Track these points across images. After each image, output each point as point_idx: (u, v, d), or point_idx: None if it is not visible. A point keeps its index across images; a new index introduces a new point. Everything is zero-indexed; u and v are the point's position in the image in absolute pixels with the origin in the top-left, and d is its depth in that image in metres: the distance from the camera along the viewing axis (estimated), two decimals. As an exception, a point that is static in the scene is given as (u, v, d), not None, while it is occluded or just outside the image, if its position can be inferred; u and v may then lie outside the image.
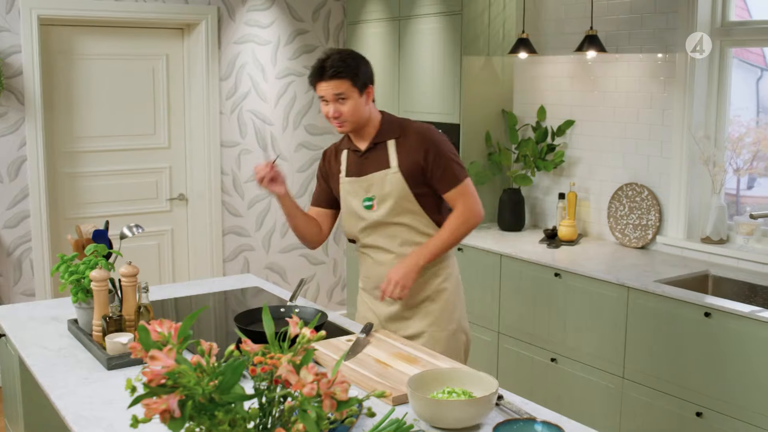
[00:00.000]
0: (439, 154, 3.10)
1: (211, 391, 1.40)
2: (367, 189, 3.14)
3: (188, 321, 1.53)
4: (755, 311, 3.49)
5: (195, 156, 5.89)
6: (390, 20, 5.75)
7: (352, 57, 3.08)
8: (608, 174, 4.90)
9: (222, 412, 1.40)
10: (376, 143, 3.14)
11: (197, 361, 1.46)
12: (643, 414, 3.98)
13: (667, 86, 4.53)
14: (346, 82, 3.01)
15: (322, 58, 3.06)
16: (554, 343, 4.42)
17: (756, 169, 4.44)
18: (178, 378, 1.41)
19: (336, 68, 3.00)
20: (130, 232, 3.17)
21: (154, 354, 1.42)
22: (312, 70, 3.08)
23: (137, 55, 5.66)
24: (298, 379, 1.38)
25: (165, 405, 1.38)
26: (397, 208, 3.10)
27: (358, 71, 3.04)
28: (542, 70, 5.25)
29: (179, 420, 1.38)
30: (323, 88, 3.04)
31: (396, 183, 3.08)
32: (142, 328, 1.50)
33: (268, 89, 6.06)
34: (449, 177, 3.11)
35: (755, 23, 4.30)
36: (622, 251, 4.65)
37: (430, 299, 3.20)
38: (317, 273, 6.50)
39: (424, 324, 3.18)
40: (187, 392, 1.41)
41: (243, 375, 2.37)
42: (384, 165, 3.11)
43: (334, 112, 3.04)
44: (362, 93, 3.06)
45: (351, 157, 3.21)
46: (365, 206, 3.15)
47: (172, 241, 5.98)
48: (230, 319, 3.12)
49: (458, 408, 2.15)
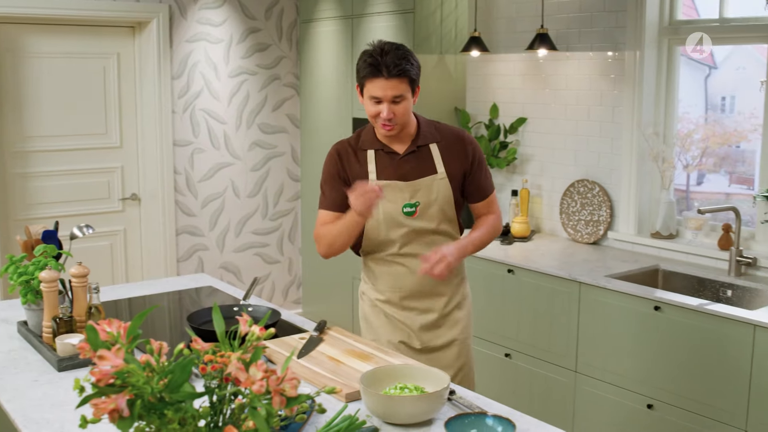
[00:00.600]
0: (481, 161, 3.04)
1: (161, 390, 1.40)
2: (412, 195, 2.94)
3: (137, 320, 1.53)
4: (703, 304, 3.56)
5: (147, 155, 5.84)
6: (343, 18, 5.75)
7: (409, 52, 2.86)
8: (560, 171, 4.95)
9: (171, 411, 1.40)
10: (419, 146, 2.97)
11: (146, 360, 1.46)
12: (596, 407, 4.03)
13: (617, 84, 4.59)
14: (405, 82, 2.82)
15: (376, 51, 2.82)
16: (508, 338, 4.46)
17: (705, 165, 4.52)
18: (127, 377, 1.41)
19: (399, 66, 2.79)
20: (80, 233, 3.14)
21: (102, 354, 1.41)
22: (365, 66, 2.83)
23: (88, 53, 5.60)
24: (247, 376, 1.39)
25: (114, 404, 1.37)
26: (441, 215, 2.98)
27: (417, 69, 2.87)
28: (494, 68, 5.29)
29: (128, 419, 1.38)
30: (380, 88, 2.80)
31: (443, 189, 2.96)
32: (90, 328, 1.49)
33: (221, 88, 6.03)
34: (486, 186, 3.07)
35: (702, 22, 4.38)
36: (574, 247, 4.70)
37: (458, 306, 3.12)
38: (272, 272, 6.49)
39: (455, 332, 3.10)
40: (136, 391, 1.40)
41: (195, 374, 2.36)
42: (430, 170, 2.96)
43: (388, 113, 2.82)
44: (414, 93, 2.90)
45: (383, 158, 2.97)
46: (405, 212, 2.95)
47: (125, 242, 5.92)
48: (184, 319, 3.10)
49: (410, 403, 2.16)
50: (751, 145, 4.34)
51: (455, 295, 3.10)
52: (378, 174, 2.95)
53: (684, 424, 3.64)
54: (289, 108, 6.37)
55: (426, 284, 3.02)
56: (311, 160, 6.28)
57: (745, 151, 4.46)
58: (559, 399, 4.21)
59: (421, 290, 3.04)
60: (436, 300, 3.07)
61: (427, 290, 3.05)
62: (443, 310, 3.07)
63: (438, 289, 3.06)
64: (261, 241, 6.38)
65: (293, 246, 6.57)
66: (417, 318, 3.06)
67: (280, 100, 6.32)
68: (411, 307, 3.05)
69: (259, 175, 6.30)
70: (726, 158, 4.54)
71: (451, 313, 3.09)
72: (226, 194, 6.15)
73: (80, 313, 2.85)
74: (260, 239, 6.38)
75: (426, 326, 3.06)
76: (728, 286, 3.98)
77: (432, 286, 3.04)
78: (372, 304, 3.12)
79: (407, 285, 3.03)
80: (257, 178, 6.29)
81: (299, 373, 2.50)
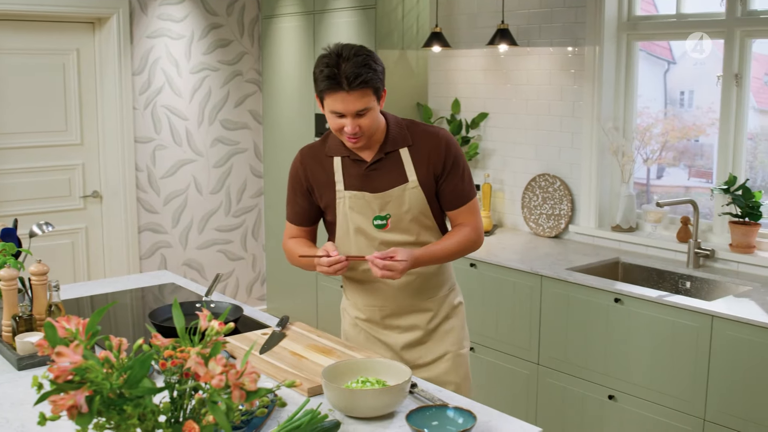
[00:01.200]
0: (456, 163, 2.73)
1: (120, 385, 1.40)
2: (382, 207, 2.71)
3: (96, 316, 1.52)
4: (662, 296, 3.60)
5: (108, 152, 5.80)
6: (305, 14, 5.74)
7: (370, 57, 2.54)
8: (521, 165, 4.99)
9: (131, 407, 1.40)
10: (387, 152, 2.71)
11: (105, 357, 1.46)
12: (558, 398, 4.07)
13: (577, 79, 4.63)
14: (369, 93, 2.52)
15: (332, 60, 2.51)
16: (471, 332, 4.48)
17: (665, 159, 4.58)
18: (86, 374, 1.40)
19: (360, 77, 2.48)
20: (39, 230, 3.11)
21: (60, 350, 1.41)
22: (322, 78, 2.52)
23: (47, 49, 5.54)
24: (206, 371, 1.39)
25: (72, 401, 1.37)
26: (417, 226, 2.74)
27: (381, 75, 2.56)
28: (456, 63, 5.32)
29: (87, 415, 1.37)
30: (341, 102, 2.51)
31: (415, 199, 2.70)
32: (48, 324, 1.49)
33: (183, 84, 6.00)
34: (462, 192, 2.76)
35: (661, 17, 4.43)
36: (536, 241, 4.74)
37: (447, 318, 2.91)
38: (236, 269, 6.47)
39: (446, 345, 2.89)
40: (95, 387, 1.40)
41: (157, 371, 2.36)
42: (401, 179, 2.70)
43: (353, 127, 2.56)
44: (379, 100, 2.61)
45: (350, 167, 2.73)
46: (376, 225, 2.72)
47: (87, 239, 5.88)
48: (147, 316, 3.09)
49: (372, 396, 2.17)
50: (710, 139, 4.40)
51: (442, 308, 2.90)
52: (345, 184, 2.73)
53: (644, 414, 3.69)
54: (252, 104, 6.36)
55: (408, 300, 2.84)
56: (274, 157, 6.27)
57: (703, 145, 4.51)
58: (522, 391, 4.25)
59: (403, 307, 2.85)
60: (421, 315, 2.87)
61: (409, 307, 2.86)
62: (428, 326, 2.87)
63: (422, 305, 2.87)
64: (224, 238, 6.36)
65: (257, 242, 6.55)
66: (400, 337, 2.87)
67: (243, 96, 6.30)
68: (393, 326, 2.87)
69: (221, 172, 6.27)
70: (685, 152, 4.60)
71: (438, 327, 2.89)
72: (188, 191, 6.12)
73: (40, 311, 2.82)
74: (223, 236, 6.36)
75: (410, 344, 2.87)
76: (687, 278, 4.04)
77: (415, 301, 2.85)
78: (353, 323, 2.96)
79: (388, 303, 2.84)
80: (220, 175, 6.27)
81: (261, 368, 2.51)
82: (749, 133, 4.15)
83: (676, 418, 3.57)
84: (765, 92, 4.27)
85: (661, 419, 3.63)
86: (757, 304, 3.46)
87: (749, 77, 4.07)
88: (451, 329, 2.91)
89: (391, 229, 2.73)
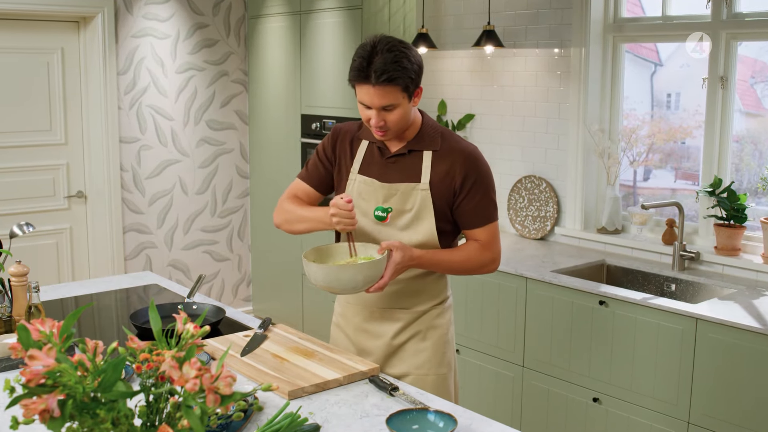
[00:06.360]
0: (479, 183, 2.64)
1: (93, 389, 1.38)
2: (386, 198, 2.67)
3: (70, 319, 1.50)
4: (647, 298, 3.60)
5: (93, 152, 5.76)
6: (291, 14, 5.72)
7: (404, 54, 2.51)
8: (507, 167, 4.98)
9: (104, 410, 1.38)
10: (411, 150, 2.67)
11: (79, 360, 1.44)
12: (543, 401, 4.06)
13: (563, 81, 4.62)
14: (396, 90, 2.50)
15: (366, 51, 2.51)
16: (456, 334, 4.47)
17: (651, 161, 4.57)
18: (59, 377, 1.38)
19: (387, 73, 2.47)
20: (20, 231, 3.08)
21: (32, 353, 1.38)
22: (354, 68, 2.53)
23: (31, 48, 5.50)
24: (180, 374, 1.37)
25: (44, 405, 1.34)
26: (413, 230, 2.65)
27: (413, 74, 2.53)
28: (442, 64, 5.31)
29: (59, 419, 1.35)
30: (367, 94, 2.52)
31: (421, 202, 2.63)
32: (21, 327, 1.46)
33: (168, 84, 5.97)
34: (482, 212, 2.66)
35: (647, 19, 4.43)
36: (522, 243, 4.73)
37: (420, 336, 2.76)
38: (222, 270, 6.44)
39: (409, 365, 2.75)
40: (68, 391, 1.38)
41: (137, 374, 2.33)
42: (413, 177, 2.65)
43: (378, 120, 2.55)
44: (411, 98, 2.58)
45: (372, 152, 2.73)
46: (377, 216, 2.68)
47: (71, 240, 5.84)
48: (129, 318, 3.07)
49: (353, 270, 2.43)
50: (696, 142, 4.40)
51: (414, 324, 2.76)
52: (361, 168, 2.72)
53: (629, 417, 3.68)
54: (238, 104, 6.33)
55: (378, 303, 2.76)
56: (260, 157, 6.24)
57: (690, 147, 4.51)
58: (507, 394, 4.24)
59: (374, 312, 2.77)
60: (387, 325, 2.77)
61: (378, 313, 2.78)
62: (392, 341, 2.76)
63: (392, 314, 2.77)
64: (210, 239, 6.34)
65: (243, 243, 6.52)
66: (367, 343, 2.80)
67: (229, 97, 6.27)
68: (362, 329, 2.80)
69: (207, 172, 6.25)
70: (672, 154, 4.59)
71: (405, 345, 2.76)
72: (174, 191, 6.09)
73: (20, 312, 2.80)
74: (209, 237, 6.33)
75: (377, 352, 2.78)
76: (672, 280, 4.04)
77: (385, 309, 2.77)
78: (335, 322, 2.91)
79: (359, 302, 2.79)
80: (205, 175, 6.24)
81: (242, 370, 2.49)
82: (735, 135, 4.15)
83: (660, 421, 3.56)
84: (751, 95, 4.27)
85: (645, 422, 3.62)
86: (741, 307, 3.46)
87: (735, 80, 4.07)
88: (422, 350, 2.76)
89: (389, 224, 2.67)
